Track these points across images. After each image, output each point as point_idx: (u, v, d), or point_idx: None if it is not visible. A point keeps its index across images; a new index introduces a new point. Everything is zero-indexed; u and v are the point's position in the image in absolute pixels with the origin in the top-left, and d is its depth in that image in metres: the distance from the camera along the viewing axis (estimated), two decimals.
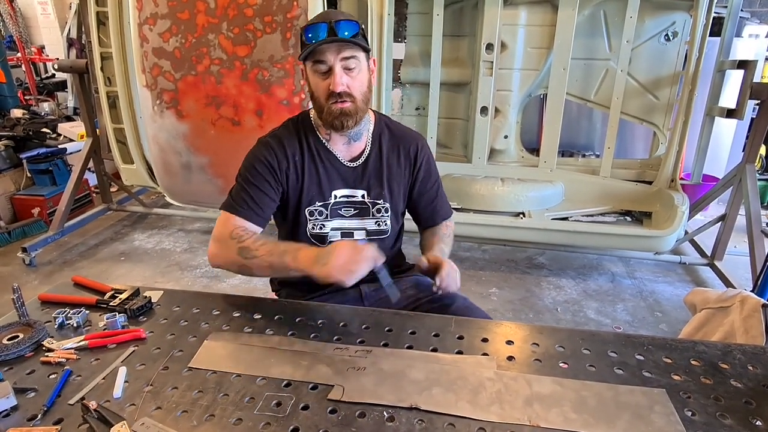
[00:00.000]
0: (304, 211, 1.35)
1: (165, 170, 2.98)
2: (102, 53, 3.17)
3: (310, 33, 1.18)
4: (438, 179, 1.48)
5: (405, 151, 1.40)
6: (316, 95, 1.25)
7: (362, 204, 1.37)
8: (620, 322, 2.68)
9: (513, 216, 2.98)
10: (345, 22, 1.17)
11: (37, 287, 2.96)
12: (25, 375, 0.96)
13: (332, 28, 1.16)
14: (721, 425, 0.84)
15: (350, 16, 1.21)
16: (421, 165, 1.42)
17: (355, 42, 1.18)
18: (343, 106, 1.21)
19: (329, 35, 1.16)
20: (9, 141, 3.95)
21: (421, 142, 1.43)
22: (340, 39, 1.17)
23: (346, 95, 1.21)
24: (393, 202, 1.40)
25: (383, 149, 1.38)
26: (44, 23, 6.39)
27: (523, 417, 0.86)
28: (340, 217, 1.37)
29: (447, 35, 3.08)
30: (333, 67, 1.19)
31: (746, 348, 1.06)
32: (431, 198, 1.47)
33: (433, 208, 1.48)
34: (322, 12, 1.28)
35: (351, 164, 1.36)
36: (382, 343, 1.06)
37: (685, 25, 2.97)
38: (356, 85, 1.22)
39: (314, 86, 1.24)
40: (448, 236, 1.49)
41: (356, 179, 1.36)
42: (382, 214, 1.39)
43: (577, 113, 4.27)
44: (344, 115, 1.22)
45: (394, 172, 1.39)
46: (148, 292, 1.24)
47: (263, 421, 0.84)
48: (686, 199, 2.84)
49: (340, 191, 1.36)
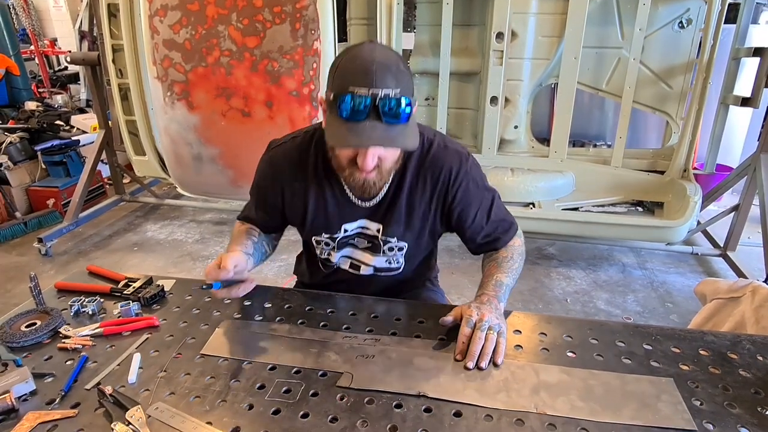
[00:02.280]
0: (311, 239, 1.27)
1: (176, 161, 3.01)
2: (113, 45, 3.20)
3: (347, 104, 0.92)
4: (485, 202, 1.21)
5: (433, 182, 1.16)
6: (337, 154, 1.06)
7: (375, 239, 1.23)
8: (630, 313, 2.66)
9: (523, 206, 2.97)
10: (394, 99, 0.92)
11: (53, 276, 3.02)
12: (43, 361, 0.98)
13: (376, 107, 0.92)
14: (728, 414, 0.84)
15: (404, 78, 0.96)
16: (454, 198, 1.17)
17: (399, 144, 0.99)
18: (369, 176, 1.04)
19: (371, 116, 0.93)
20: (24, 133, 4.01)
21: (455, 169, 1.16)
22: (384, 127, 0.94)
23: (375, 167, 1.03)
24: (413, 241, 1.24)
25: (405, 182, 1.16)
26: (56, 16, 6.44)
27: (530, 405, 0.86)
28: (351, 246, 1.26)
29: (457, 24, 3.05)
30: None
31: (756, 338, 1.06)
32: (480, 225, 1.21)
33: (486, 235, 1.23)
34: (365, 59, 0.94)
35: (365, 203, 1.19)
36: (391, 332, 1.07)
37: (700, 12, 2.91)
38: (389, 155, 1.04)
39: (338, 150, 1.05)
40: (509, 260, 1.20)
41: (371, 213, 1.20)
42: (395, 253, 1.25)
43: (588, 103, 4.22)
44: (368, 186, 1.07)
45: (416, 209, 1.19)
46: (160, 281, 1.26)
47: (273, 407, 0.86)
48: (699, 189, 2.80)
49: (352, 224, 1.22)
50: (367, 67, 0.93)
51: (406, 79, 0.97)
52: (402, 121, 0.96)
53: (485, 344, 0.97)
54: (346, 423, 0.82)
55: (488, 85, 2.97)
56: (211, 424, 0.82)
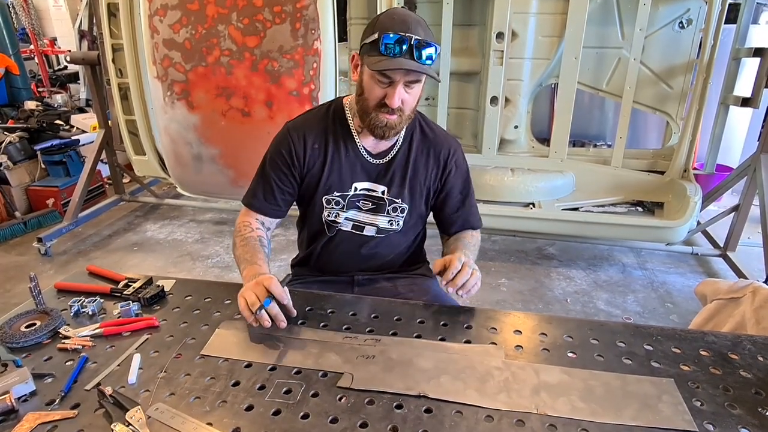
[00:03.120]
0: (321, 199, 1.35)
1: (176, 161, 3.01)
2: (113, 45, 3.19)
3: (388, 43, 1.10)
4: (468, 189, 1.42)
5: (435, 155, 1.36)
6: (366, 96, 1.20)
7: (380, 200, 1.35)
8: (630, 313, 2.66)
9: (523, 206, 2.97)
10: (427, 45, 1.12)
11: (52, 276, 3.02)
12: (43, 361, 0.98)
13: (412, 48, 1.10)
14: (729, 415, 0.84)
15: (430, 34, 1.15)
16: (450, 171, 1.37)
17: (429, 72, 1.14)
18: (391, 118, 1.19)
19: (408, 54, 1.11)
20: (23, 133, 4.00)
21: (453, 148, 1.38)
22: (416, 64, 1.12)
23: (398, 109, 1.18)
24: (413, 203, 1.38)
25: (412, 149, 1.34)
26: (56, 15, 6.44)
27: (531, 405, 0.86)
28: (356, 208, 1.36)
29: (457, 24, 3.05)
30: (396, 83, 1.15)
31: (756, 339, 1.06)
32: (455, 206, 1.41)
33: (458, 216, 1.42)
34: (402, 15, 1.15)
35: (377, 161, 1.33)
36: (391, 332, 1.07)
37: (700, 12, 2.92)
38: (410, 100, 1.20)
39: (367, 89, 1.19)
40: (473, 245, 1.39)
41: (379, 174, 1.34)
42: (398, 214, 1.37)
43: (588, 103, 4.22)
44: (389, 128, 1.21)
45: (419, 174, 1.36)
46: (160, 281, 1.26)
47: (274, 408, 0.86)
48: (699, 190, 2.80)
49: (361, 184, 1.34)
50: (404, 18, 1.13)
51: (432, 34, 1.17)
52: (428, 61, 1.13)
53: (470, 279, 1.16)
54: (347, 424, 0.82)
55: (488, 85, 2.97)
56: (212, 425, 0.82)
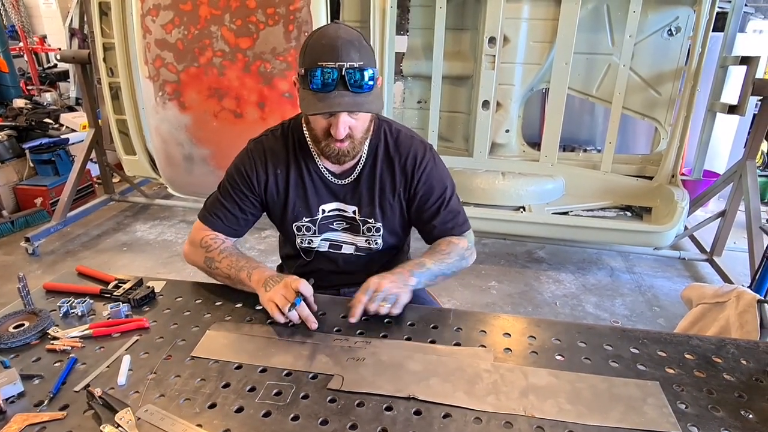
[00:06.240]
0: (291, 227, 1.31)
1: (167, 161, 2.99)
2: (104, 44, 3.17)
3: (317, 78, 1.03)
4: (446, 195, 1.31)
5: (401, 166, 1.28)
6: (313, 127, 1.16)
7: (353, 220, 1.31)
8: (618, 317, 2.69)
9: (513, 210, 2.99)
10: (358, 71, 1.03)
11: (40, 277, 2.99)
12: (31, 362, 0.98)
13: (344, 79, 1.03)
14: (712, 418, 0.86)
15: (366, 53, 1.06)
16: (419, 181, 1.28)
17: (363, 108, 1.07)
18: (342, 146, 1.13)
19: (341, 86, 1.03)
20: (12, 131, 3.97)
21: (420, 155, 1.28)
22: (352, 96, 1.04)
23: (347, 137, 1.12)
24: (386, 221, 1.31)
25: (377, 164, 1.27)
26: (46, 13, 6.39)
27: (519, 407, 0.87)
28: (330, 230, 1.33)
29: (449, 28, 3.07)
30: (337, 114, 1.08)
31: (740, 342, 1.08)
32: (430, 216, 1.31)
33: (433, 226, 1.32)
34: (331, 38, 1.04)
35: (341, 180, 1.28)
36: (382, 335, 1.08)
37: (689, 20, 2.95)
38: (359, 125, 1.13)
39: (312, 120, 1.15)
40: (444, 253, 1.27)
41: (347, 195, 1.29)
42: (373, 233, 1.32)
43: (578, 108, 4.26)
44: (342, 155, 1.16)
45: (387, 190, 1.29)
46: (151, 282, 1.26)
47: (264, 410, 0.86)
48: (686, 195, 2.84)
49: (329, 205, 1.30)
50: (333, 43, 1.03)
51: (369, 53, 1.08)
52: (366, 90, 1.06)
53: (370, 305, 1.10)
54: (337, 425, 0.83)
55: (480, 89, 2.99)
56: (201, 426, 0.82)
